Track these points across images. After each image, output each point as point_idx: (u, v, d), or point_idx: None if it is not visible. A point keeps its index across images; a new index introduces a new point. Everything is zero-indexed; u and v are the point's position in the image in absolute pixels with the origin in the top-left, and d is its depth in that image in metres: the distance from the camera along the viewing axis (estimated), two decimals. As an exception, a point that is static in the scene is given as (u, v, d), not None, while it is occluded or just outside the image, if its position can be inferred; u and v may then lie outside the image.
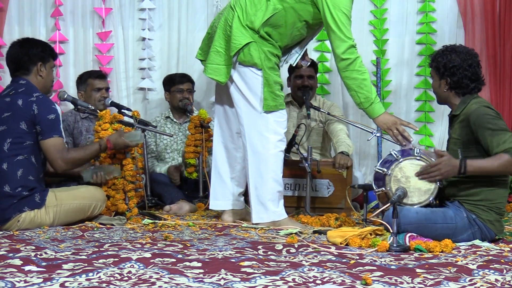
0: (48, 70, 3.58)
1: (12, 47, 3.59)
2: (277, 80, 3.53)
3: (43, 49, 3.57)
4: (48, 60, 3.58)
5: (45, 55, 3.56)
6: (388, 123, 3.44)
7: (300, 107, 4.77)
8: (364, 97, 3.43)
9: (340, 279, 2.23)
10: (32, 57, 3.52)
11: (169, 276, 2.24)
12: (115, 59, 5.23)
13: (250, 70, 3.51)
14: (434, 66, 3.28)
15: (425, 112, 5.26)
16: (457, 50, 3.24)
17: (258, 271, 2.33)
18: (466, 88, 3.21)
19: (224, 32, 3.55)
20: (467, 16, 5.21)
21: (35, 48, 3.54)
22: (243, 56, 3.49)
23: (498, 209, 3.14)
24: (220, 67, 3.56)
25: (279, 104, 3.53)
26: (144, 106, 5.29)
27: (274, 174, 3.54)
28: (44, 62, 3.55)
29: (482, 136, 3.05)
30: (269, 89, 3.49)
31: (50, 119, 3.40)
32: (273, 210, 3.55)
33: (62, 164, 3.44)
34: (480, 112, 3.09)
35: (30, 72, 3.52)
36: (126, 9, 5.25)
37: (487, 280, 2.26)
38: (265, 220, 3.55)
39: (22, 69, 3.52)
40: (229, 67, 3.54)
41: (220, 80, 3.58)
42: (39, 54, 3.54)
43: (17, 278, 2.18)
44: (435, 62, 3.27)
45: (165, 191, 4.41)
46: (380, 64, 5.07)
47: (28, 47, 3.54)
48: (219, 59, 3.56)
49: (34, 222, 3.39)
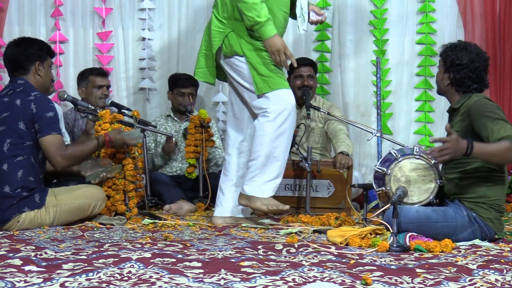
0: (46, 69, 3.58)
1: (9, 47, 3.58)
2: (265, 60, 3.51)
3: (40, 47, 3.57)
4: (45, 59, 3.57)
5: (43, 54, 3.55)
6: (277, 45, 3.46)
7: (300, 107, 4.77)
8: (253, 20, 3.44)
9: (340, 279, 2.23)
10: (29, 56, 3.51)
11: (169, 276, 2.24)
12: (115, 59, 5.23)
13: (235, 59, 3.58)
14: (443, 57, 3.27)
15: (425, 112, 5.25)
16: (469, 49, 3.21)
17: (258, 271, 2.33)
18: (467, 88, 3.20)
19: (207, 35, 3.67)
20: (467, 16, 5.20)
21: (32, 47, 3.54)
22: (225, 49, 3.58)
23: (497, 206, 3.14)
24: (209, 69, 3.67)
25: (272, 84, 3.49)
26: (144, 106, 5.29)
27: (278, 157, 3.48)
28: (42, 61, 3.55)
29: (482, 125, 3.02)
30: (257, 72, 3.49)
31: (49, 117, 3.40)
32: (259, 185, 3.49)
33: (61, 161, 3.43)
34: (480, 102, 3.10)
35: (28, 71, 3.51)
36: (126, 9, 5.26)
37: (487, 280, 2.26)
38: (247, 192, 3.50)
39: (20, 68, 3.51)
40: (215, 68, 3.66)
41: (210, 81, 3.73)
42: (36, 53, 3.53)
43: (17, 278, 2.18)
44: (445, 54, 3.26)
45: (165, 191, 4.41)
46: (380, 64, 5.07)
47: (25, 47, 3.53)
48: (207, 61, 3.67)
49: (34, 222, 3.39)
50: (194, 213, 4.26)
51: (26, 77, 3.51)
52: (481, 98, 3.13)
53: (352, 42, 5.33)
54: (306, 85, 4.69)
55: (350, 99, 5.33)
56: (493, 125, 3.00)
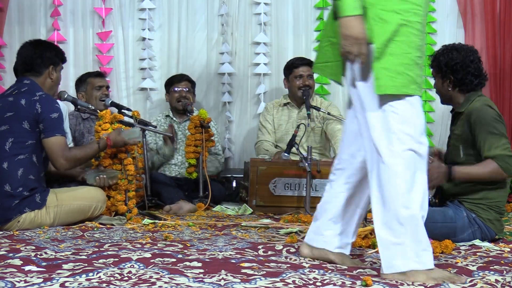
0: (58, 73, 3.63)
1: (25, 48, 3.59)
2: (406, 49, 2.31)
3: (56, 53, 3.61)
4: (58, 64, 3.62)
5: (57, 59, 3.61)
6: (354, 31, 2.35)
7: (299, 107, 4.77)
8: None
9: (341, 281, 2.23)
10: (45, 60, 3.54)
11: (169, 276, 2.24)
12: (115, 59, 5.23)
13: None
14: (436, 65, 3.27)
15: (425, 112, 5.26)
16: (457, 48, 3.23)
17: (258, 273, 2.33)
18: (470, 84, 3.20)
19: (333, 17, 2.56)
20: (467, 16, 5.21)
21: (49, 52, 3.57)
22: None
23: (498, 208, 3.14)
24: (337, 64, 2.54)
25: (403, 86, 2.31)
26: (144, 106, 5.29)
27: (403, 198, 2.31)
28: (56, 66, 3.59)
29: (478, 135, 3.04)
30: (382, 65, 2.31)
31: (53, 117, 3.41)
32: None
33: (64, 162, 3.45)
34: (482, 111, 3.09)
35: (41, 74, 3.54)
36: (126, 9, 5.26)
37: (487, 281, 2.26)
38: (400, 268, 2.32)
39: (33, 70, 3.53)
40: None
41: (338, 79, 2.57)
42: (52, 58, 3.57)
43: (17, 278, 2.18)
44: (437, 62, 3.26)
45: (165, 191, 4.41)
46: (380, 64, 5.07)
47: (42, 49, 3.56)
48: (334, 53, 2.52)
49: (35, 222, 3.39)
50: (194, 213, 4.26)
51: (36, 79, 3.52)
52: (482, 105, 3.12)
53: (352, 42, 5.31)
54: (307, 85, 4.69)
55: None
56: (488, 138, 3.02)
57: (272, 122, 4.88)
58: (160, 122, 4.90)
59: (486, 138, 3.02)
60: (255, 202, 4.32)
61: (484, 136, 3.02)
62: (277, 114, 4.89)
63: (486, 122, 3.05)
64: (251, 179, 4.33)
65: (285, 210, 4.23)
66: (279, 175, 4.31)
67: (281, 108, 4.89)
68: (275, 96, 5.27)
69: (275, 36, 5.35)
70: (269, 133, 4.86)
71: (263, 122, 4.91)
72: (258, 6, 5.30)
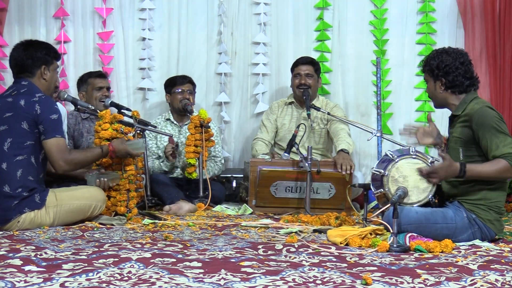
0: (52, 73, 3.59)
1: (16, 50, 3.57)
2: None
3: (47, 51, 3.57)
4: (51, 63, 3.58)
5: (49, 58, 3.56)
6: None
7: (302, 107, 4.77)
8: None
9: (340, 279, 2.23)
10: (36, 60, 3.51)
11: (169, 276, 2.24)
12: (115, 59, 5.23)
13: None
14: (428, 69, 3.31)
15: (425, 112, 5.25)
16: (447, 51, 3.28)
17: (258, 271, 2.33)
18: (462, 85, 3.22)
19: None
20: (467, 16, 5.21)
21: (39, 51, 3.54)
22: None
23: (497, 208, 3.15)
24: None
25: None
26: (144, 106, 5.29)
27: None
28: (48, 65, 3.56)
29: (483, 136, 3.05)
30: None
31: (53, 119, 3.41)
32: None
33: (63, 164, 3.44)
34: (484, 112, 3.10)
35: (34, 75, 3.53)
36: (126, 9, 5.26)
37: (487, 280, 2.26)
38: None
39: (25, 72, 3.52)
40: None
41: None
42: (43, 57, 3.54)
43: (17, 278, 2.18)
44: (428, 65, 3.30)
45: (165, 191, 4.41)
46: (380, 64, 5.07)
47: (32, 50, 3.53)
48: None
49: (34, 223, 3.38)
50: (194, 213, 4.26)
51: (31, 79, 3.51)
52: (483, 107, 3.13)
53: (352, 42, 5.33)
54: (304, 83, 4.68)
55: (350, 99, 5.34)
56: (493, 138, 3.03)
57: (274, 122, 4.88)
58: (160, 125, 4.88)
59: (492, 138, 3.03)
60: (255, 202, 4.32)
61: (489, 136, 3.04)
62: (281, 113, 4.89)
63: (490, 122, 3.06)
64: (251, 179, 4.32)
65: (285, 211, 4.22)
66: (280, 179, 4.29)
67: (286, 107, 4.89)
68: (275, 97, 5.27)
69: (275, 36, 5.35)
70: (267, 132, 4.86)
71: (264, 120, 4.91)
72: (258, 6, 5.30)
